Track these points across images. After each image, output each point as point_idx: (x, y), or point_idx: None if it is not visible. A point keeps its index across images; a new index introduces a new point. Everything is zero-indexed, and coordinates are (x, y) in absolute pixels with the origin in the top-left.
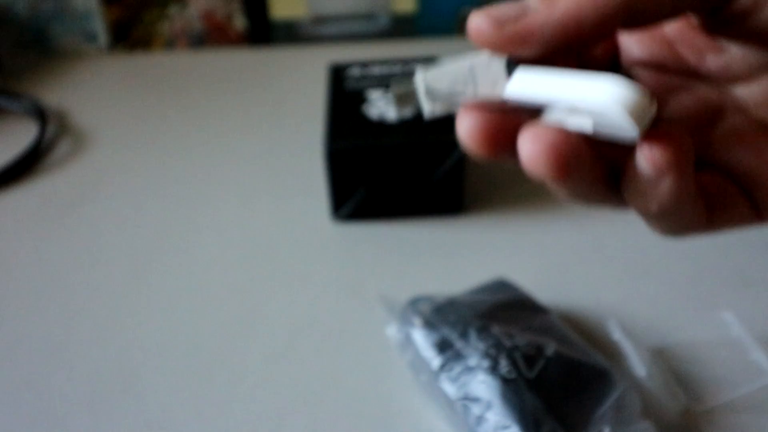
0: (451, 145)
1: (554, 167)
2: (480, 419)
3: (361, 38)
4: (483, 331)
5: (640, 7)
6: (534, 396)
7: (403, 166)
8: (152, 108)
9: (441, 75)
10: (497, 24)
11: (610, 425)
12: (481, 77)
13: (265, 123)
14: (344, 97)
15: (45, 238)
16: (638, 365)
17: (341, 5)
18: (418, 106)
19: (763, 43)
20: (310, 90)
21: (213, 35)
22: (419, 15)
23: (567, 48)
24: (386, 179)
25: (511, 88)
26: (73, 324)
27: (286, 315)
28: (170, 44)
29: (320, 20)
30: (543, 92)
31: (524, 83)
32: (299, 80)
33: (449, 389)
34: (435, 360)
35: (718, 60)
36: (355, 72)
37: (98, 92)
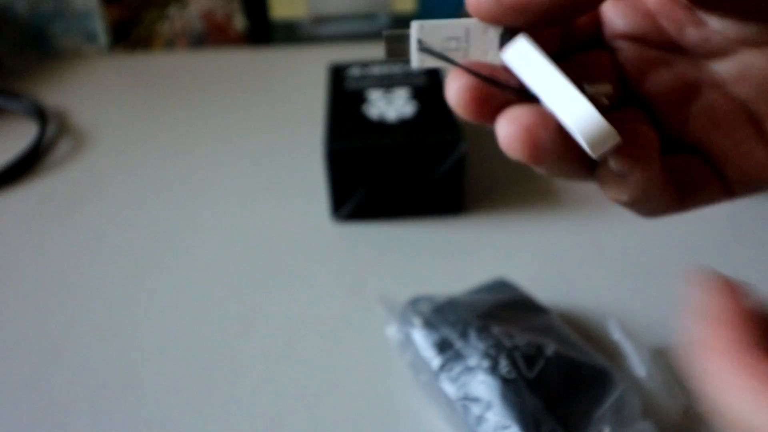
0: (451, 145)
1: (528, 150)
2: (480, 419)
3: (361, 38)
4: (483, 331)
5: None
6: (534, 396)
7: (403, 166)
8: (152, 108)
9: (436, 30)
10: None
11: (610, 425)
12: (474, 42)
13: (265, 123)
14: (344, 97)
15: (45, 238)
16: (638, 365)
17: (341, 5)
18: (407, 56)
19: (742, 16)
20: (310, 90)
21: (213, 35)
22: (419, 15)
23: (563, 17)
24: (386, 179)
25: (508, 56)
26: (73, 324)
27: (286, 315)
28: (170, 44)
29: (320, 20)
30: (531, 76)
31: (520, 57)
32: (299, 80)
33: (449, 389)
34: (435, 360)
35: (698, 33)
36: (355, 72)
37: (98, 92)
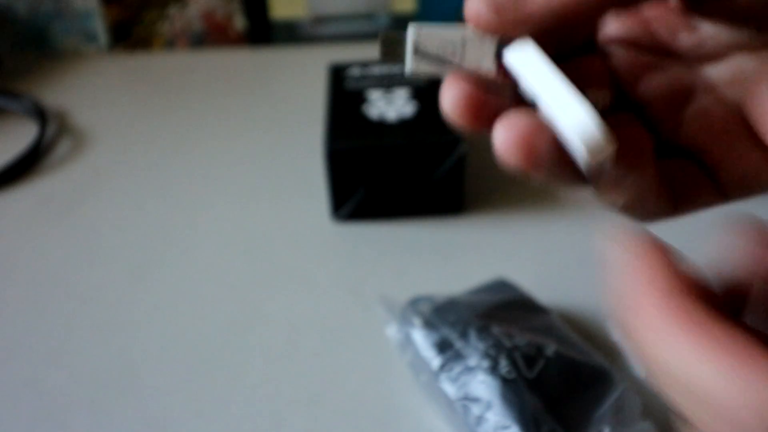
0: (451, 145)
1: (524, 157)
2: (480, 419)
3: (361, 38)
4: (483, 331)
5: None
6: (534, 396)
7: (403, 166)
8: (152, 108)
9: (433, 36)
10: (496, 9)
11: (610, 425)
12: (470, 51)
13: (265, 123)
14: (344, 97)
15: (45, 238)
16: (638, 365)
17: (341, 5)
18: (402, 59)
19: (735, 21)
20: (310, 90)
21: (213, 35)
22: (419, 15)
23: (562, 31)
24: (386, 179)
25: (511, 57)
26: (73, 324)
27: (286, 315)
28: (170, 44)
29: (320, 20)
30: (532, 79)
31: (523, 59)
32: (299, 80)
33: (449, 389)
34: (435, 360)
35: (691, 38)
36: (355, 72)
37: (98, 92)
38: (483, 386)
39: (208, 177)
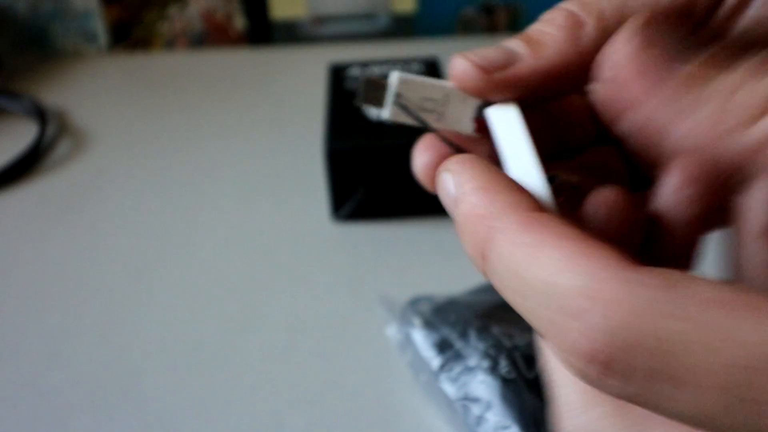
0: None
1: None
2: (480, 419)
3: (361, 38)
4: (483, 331)
5: None
6: (534, 396)
7: (403, 166)
8: (152, 108)
9: (416, 86)
10: (484, 70)
11: None
12: (452, 108)
13: (265, 123)
14: (344, 97)
15: (45, 238)
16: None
17: (341, 5)
18: (381, 105)
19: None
20: (310, 90)
21: (213, 35)
22: (419, 15)
23: (546, 97)
24: (386, 179)
25: (492, 113)
26: (73, 324)
27: (286, 315)
28: (170, 44)
29: (320, 20)
30: (504, 144)
31: (502, 121)
32: (299, 80)
33: (449, 389)
34: (435, 360)
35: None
36: (355, 72)
37: (98, 92)
38: (483, 386)
39: (208, 177)
